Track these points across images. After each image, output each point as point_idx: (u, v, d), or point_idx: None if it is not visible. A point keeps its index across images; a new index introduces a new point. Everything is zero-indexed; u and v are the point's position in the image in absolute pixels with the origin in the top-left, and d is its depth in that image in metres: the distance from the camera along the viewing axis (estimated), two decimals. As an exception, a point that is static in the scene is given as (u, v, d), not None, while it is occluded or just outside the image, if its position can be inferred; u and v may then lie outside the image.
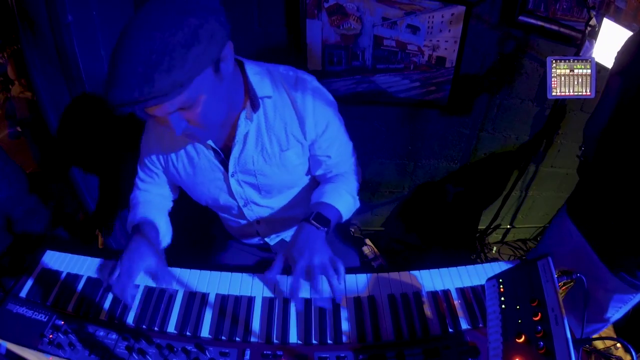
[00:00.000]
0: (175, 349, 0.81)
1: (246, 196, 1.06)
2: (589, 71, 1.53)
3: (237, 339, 0.87)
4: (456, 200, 2.27)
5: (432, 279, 1.01)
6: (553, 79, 1.55)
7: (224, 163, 0.99)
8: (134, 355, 0.81)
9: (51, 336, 0.83)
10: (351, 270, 1.04)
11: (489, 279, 0.83)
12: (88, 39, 1.27)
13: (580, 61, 1.54)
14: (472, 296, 0.97)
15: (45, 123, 1.38)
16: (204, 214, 1.22)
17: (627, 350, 0.65)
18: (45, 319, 0.87)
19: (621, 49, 1.11)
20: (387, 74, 1.80)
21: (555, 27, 1.73)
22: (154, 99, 0.66)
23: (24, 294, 0.94)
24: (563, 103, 1.83)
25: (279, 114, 0.94)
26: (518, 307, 0.72)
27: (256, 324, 0.90)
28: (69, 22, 1.20)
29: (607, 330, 2.00)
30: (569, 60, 1.53)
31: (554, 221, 1.43)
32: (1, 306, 0.90)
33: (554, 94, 1.57)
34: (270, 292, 0.97)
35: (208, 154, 0.98)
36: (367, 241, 2.27)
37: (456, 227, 2.40)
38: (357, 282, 1.00)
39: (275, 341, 0.87)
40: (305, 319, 0.90)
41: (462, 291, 0.98)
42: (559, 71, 1.54)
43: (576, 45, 1.61)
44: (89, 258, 1.04)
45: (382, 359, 0.82)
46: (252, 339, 0.87)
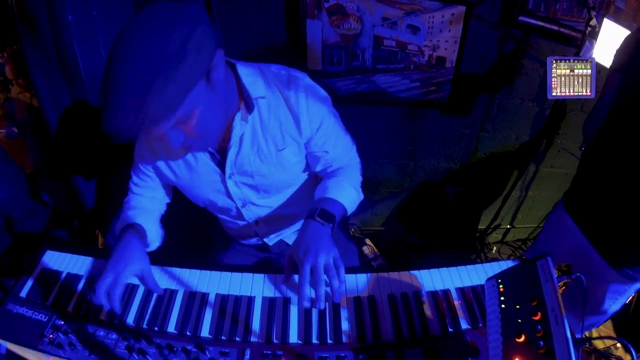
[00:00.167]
0: (175, 349, 0.81)
1: (244, 197, 1.06)
2: (589, 71, 1.53)
3: (237, 338, 0.87)
4: (456, 200, 2.27)
5: (432, 279, 1.01)
6: (553, 79, 1.55)
7: (221, 165, 0.99)
8: (134, 355, 0.81)
9: (51, 336, 0.83)
10: (351, 270, 1.04)
11: (488, 279, 0.83)
12: (88, 39, 1.27)
13: (581, 61, 1.54)
14: (472, 296, 0.97)
15: (44, 124, 1.39)
16: (202, 214, 1.22)
17: (627, 350, 0.65)
18: (45, 319, 0.87)
19: (620, 47, 1.12)
20: (387, 74, 1.79)
21: (555, 27, 1.73)
22: (149, 123, 0.66)
23: (24, 294, 0.94)
24: (563, 103, 1.84)
25: (274, 113, 0.94)
26: (518, 306, 0.72)
27: (256, 323, 0.90)
28: (69, 22, 1.20)
29: (607, 330, 2.00)
30: (569, 61, 1.53)
31: (551, 215, 1.45)
32: (1, 306, 0.90)
33: (554, 94, 1.57)
34: (270, 292, 0.97)
35: (204, 157, 0.98)
36: (367, 241, 2.27)
37: (456, 227, 2.40)
38: (357, 282, 1.00)
39: (275, 341, 0.87)
40: (305, 319, 0.90)
41: (462, 291, 0.98)
42: (559, 71, 1.54)
43: (576, 45, 1.61)
44: (89, 258, 1.04)
45: (382, 358, 0.82)
46: (252, 339, 0.87)
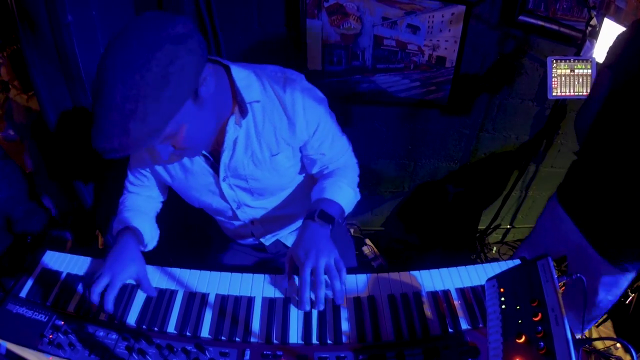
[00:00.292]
0: (175, 349, 0.81)
1: (238, 199, 1.06)
2: (590, 71, 1.53)
3: (237, 339, 0.87)
4: (456, 200, 2.27)
5: (432, 279, 1.01)
6: (554, 79, 1.55)
7: (215, 168, 0.99)
8: (134, 355, 0.81)
9: (51, 336, 0.83)
10: (350, 270, 1.04)
11: (489, 279, 0.83)
12: (88, 39, 1.27)
13: (581, 61, 1.54)
14: (472, 296, 0.97)
15: (44, 124, 1.38)
16: (201, 215, 1.22)
17: (627, 350, 0.64)
18: (45, 319, 0.87)
19: (612, 43, 1.14)
20: (387, 74, 1.79)
21: (555, 27, 1.73)
22: (133, 147, 0.67)
23: (24, 294, 0.94)
24: (563, 103, 1.84)
25: (268, 117, 0.93)
26: (518, 307, 0.72)
27: (256, 324, 0.90)
28: (69, 22, 1.20)
29: (607, 330, 2.00)
30: (570, 61, 1.54)
31: (545, 208, 1.46)
32: (1, 306, 0.90)
33: (554, 94, 1.57)
34: (270, 293, 0.97)
35: (199, 160, 0.98)
36: (367, 241, 2.27)
37: (456, 227, 2.39)
38: (357, 282, 1.00)
39: (275, 341, 0.87)
40: (305, 319, 0.90)
41: (462, 291, 0.98)
42: (559, 71, 1.54)
43: (577, 45, 1.61)
44: (89, 258, 1.04)
45: (382, 359, 0.81)
46: (252, 339, 0.87)
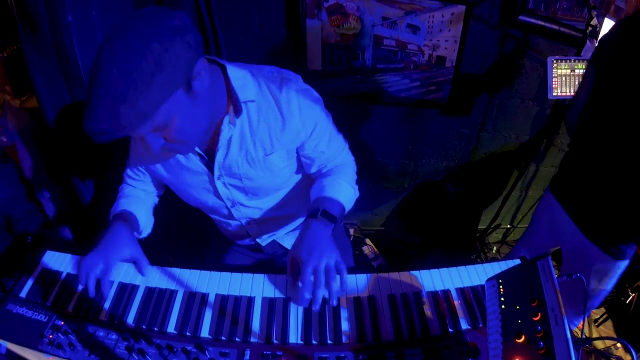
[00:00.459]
0: (175, 349, 0.81)
1: (233, 198, 1.07)
2: (590, 71, 1.53)
3: (237, 339, 0.87)
4: (456, 200, 2.27)
5: (432, 279, 1.01)
6: (554, 79, 1.55)
7: (209, 166, 1.00)
8: (133, 355, 0.81)
9: (51, 336, 0.83)
10: (349, 270, 1.04)
11: (488, 279, 0.83)
12: (88, 39, 1.27)
13: (581, 61, 1.54)
14: (472, 296, 0.97)
15: (43, 125, 1.38)
16: (200, 215, 1.22)
17: (627, 350, 0.64)
18: (45, 319, 0.87)
19: (599, 40, 1.16)
20: (387, 74, 1.79)
21: (555, 27, 1.73)
22: (121, 130, 0.69)
23: (24, 294, 0.94)
24: (564, 103, 1.83)
25: (263, 117, 0.93)
26: (518, 307, 0.72)
27: (256, 324, 0.90)
28: (69, 22, 1.20)
29: (607, 330, 2.00)
30: (570, 60, 1.53)
31: (540, 200, 1.49)
32: (1, 306, 0.90)
33: (554, 94, 1.57)
34: (270, 293, 0.97)
35: (194, 158, 0.99)
36: (367, 241, 2.27)
37: (456, 227, 2.40)
38: (357, 282, 1.00)
39: (275, 341, 0.87)
40: (305, 319, 0.90)
41: (462, 291, 0.98)
42: (559, 71, 1.54)
43: (577, 45, 1.61)
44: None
45: (382, 359, 0.81)
46: (252, 339, 0.87)
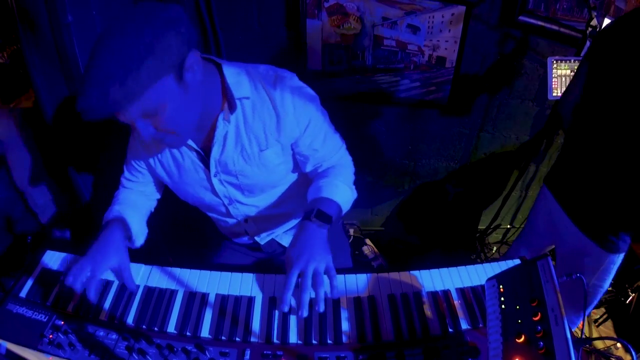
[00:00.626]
0: (175, 349, 0.81)
1: (230, 195, 1.07)
2: (590, 71, 1.53)
3: (237, 339, 0.87)
4: (456, 200, 2.27)
5: (432, 279, 1.01)
6: (554, 80, 1.55)
7: (206, 163, 1.00)
8: (134, 355, 0.81)
9: (51, 336, 0.83)
10: (349, 270, 1.05)
11: (488, 279, 0.83)
12: (88, 39, 1.27)
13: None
14: (472, 296, 0.97)
15: (42, 124, 1.38)
16: (199, 214, 1.22)
17: (627, 350, 0.64)
18: (45, 319, 0.87)
19: (594, 36, 1.18)
20: (387, 74, 1.79)
21: (555, 27, 1.73)
22: (109, 108, 0.71)
23: (24, 294, 0.94)
24: (563, 103, 1.83)
25: (258, 114, 0.95)
26: (518, 307, 0.72)
27: (256, 324, 0.90)
28: (69, 22, 1.20)
29: (607, 330, 2.00)
30: (570, 61, 1.54)
31: (537, 195, 1.49)
32: (1, 306, 0.90)
33: (554, 94, 1.57)
34: (271, 292, 0.97)
35: (191, 155, 1.00)
36: (367, 241, 2.27)
37: (456, 227, 2.40)
38: (357, 282, 1.00)
39: (275, 341, 0.87)
40: (305, 319, 0.90)
41: (462, 291, 0.98)
42: (559, 72, 1.54)
43: (577, 45, 1.61)
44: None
45: (382, 359, 0.82)
46: (252, 339, 0.87)
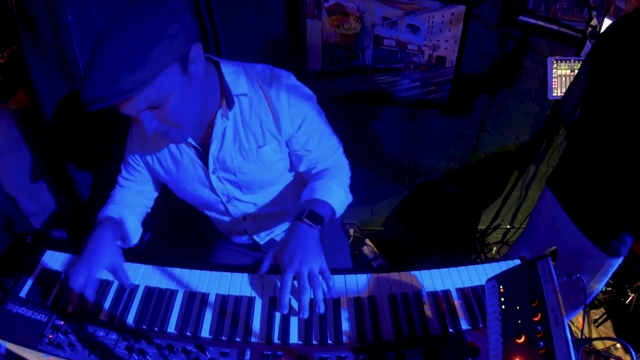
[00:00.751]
0: (175, 349, 0.81)
1: (228, 192, 1.08)
2: (590, 71, 1.53)
3: (238, 339, 0.87)
4: (456, 200, 2.27)
5: (432, 279, 1.01)
6: (554, 79, 1.55)
7: (205, 160, 1.01)
8: (134, 355, 0.81)
9: (51, 336, 0.83)
10: (348, 271, 1.04)
11: (489, 279, 0.83)
12: (88, 39, 1.27)
13: (581, 62, 1.54)
14: (472, 296, 0.97)
15: (41, 125, 1.38)
16: (198, 214, 1.22)
17: (627, 350, 0.64)
18: (45, 319, 0.87)
19: (597, 36, 1.17)
20: (387, 74, 1.79)
21: (555, 27, 1.73)
22: (119, 95, 0.70)
23: (23, 294, 0.94)
24: (563, 103, 1.83)
25: (255, 110, 0.96)
26: (518, 307, 0.72)
27: (256, 324, 0.90)
28: (69, 22, 1.20)
29: (607, 330, 2.00)
30: (570, 61, 1.54)
31: (539, 198, 1.49)
32: (1, 306, 0.90)
33: (554, 94, 1.57)
34: (271, 292, 0.97)
35: (189, 152, 1.00)
36: (367, 241, 2.27)
37: (456, 227, 2.40)
38: (357, 282, 1.00)
39: (275, 341, 0.87)
40: (306, 319, 0.89)
41: (462, 291, 0.98)
42: (559, 71, 1.54)
43: (577, 45, 1.61)
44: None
45: (382, 359, 0.82)
46: (253, 339, 0.87)
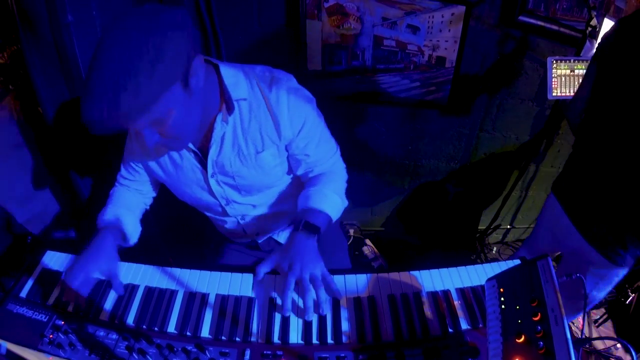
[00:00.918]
0: (175, 349, 0.81)
1: (227, 196, 1.08)
2: (590, 71, 1.53)
3: (237, 339, 0.87)
4: (456, 200, 2.27)
5: (432, 279, 1.01)
6: (554, 79, 1.55)
7: (204, 163, 1.00)
8: (134, 355, 0.81)
9: (51, 336, 0.83)
10: (349, 271, 1.05)
11: (488, 279, 0.83)
12: (88, 39, 1.27)
13: (581, 61, 1.54)
14: (472, 296, 0.97)
15: (44, 125, 1.38)
16: (198, 214, 1.22)
17: (627, 350, 0.65)
18: (46, 319, 0.87)
19: (600, 38, 1.16)
20: (387, 74, 1.79)
21: (555, 27, 1.73)
22: (120, 120, 0.69)
23: (24, 294, 0.94)
24: (563, 103, 1.83)
25: (254, 115, 0.95)
26: (518, 307, 0.72)
27: (256, 324, 0.90)
28: (69, 22, 1.20)
29: (607, 330, 2.00)
30: (570, 61, 1.54)
31: (545, 202, 1.47)
32: (1, 306, 0.90)
33: (554, 94, 1.57)
34: (271, 293, 0.97)
35: (189, 155, 1.00)
36: (367, 241, 2.27)
37: (456, 227, 2.39)
38: (357, 282, 1.00)
39: (275, 341, 0.87)
40: (306, 320, 0.90)
41: (462, 291, 0.98)
42: (559, 71, 1.54)
43: (577, 45, 1.61)
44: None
45: (382, 359, 0.82)
46: (252, 339, 0.87)
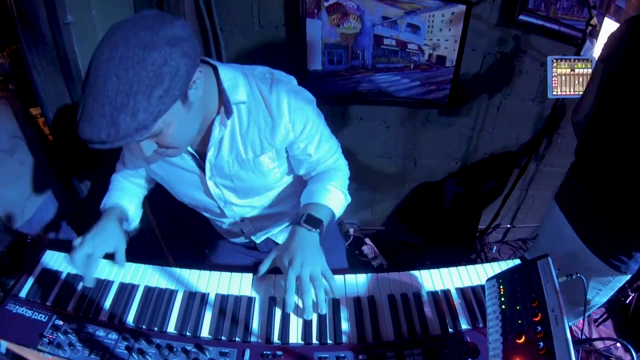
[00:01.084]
0: (174, 349, 0.81)
1: (225, 197, 1.07)
2: (590, 71, 1.53)
3: (237, 339, 0.87)
4: (456, 200, 2.26)
5: (432, 279, 1.01)
6: (554, 79, 1.55)
7: (202, 165, 1.00)
8: (133, 355, 0.81)
9: (51, 336, 0.83)
10: (350, 271, 1.05)
11: (489, 279, 0.83)
12: (88, 39, 1.27)
13: (581, 61, 1.54)
14: (472, 296, 0.97)
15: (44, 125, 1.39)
16: (197, 214, 1.22)
17: (627, 350, 0.64)
18: (45, 319, 0.87)
19: (607, 39, 1.14)
20: (387, 73, 1.79)
21: (555, 27, 1.73)
22: (120, 140, 0.69)
23: (24, 294, 0.94)
24: (563, 102, 1.83)
25: (253, 119, 0.94)
26: (518, 307, 0.72)
27: (256, 324, 0.90)
28: (69, 22, 1.20)
29: (607, 330, 2.00)
30: (570, 60, 1.53)
31: (547, 211, 1.47)
32: (1, 306, 0.90)
33: (554, 93, 1.57)
34: (270, 292, 0.97)
35: (187, 157, 0.99)
36: (367, 241, 2.27)
37: (456, 227, 2.39)
38: (357, 282, 1.00)
39: (275, 341, 0.87)
40: (305, 319, 0.90)
41: (462, 291, 0.98)
42: (559, 70, 1.54)
43: (577, 44, 1.61)
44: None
45: (382, 359, 0.82)
46: (252, 339, 0.87)
